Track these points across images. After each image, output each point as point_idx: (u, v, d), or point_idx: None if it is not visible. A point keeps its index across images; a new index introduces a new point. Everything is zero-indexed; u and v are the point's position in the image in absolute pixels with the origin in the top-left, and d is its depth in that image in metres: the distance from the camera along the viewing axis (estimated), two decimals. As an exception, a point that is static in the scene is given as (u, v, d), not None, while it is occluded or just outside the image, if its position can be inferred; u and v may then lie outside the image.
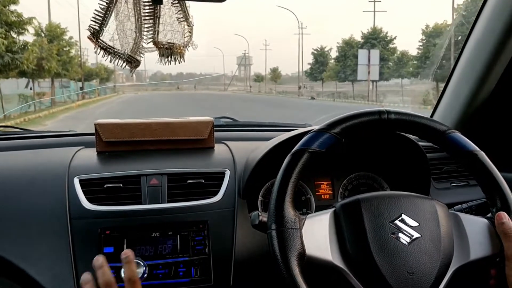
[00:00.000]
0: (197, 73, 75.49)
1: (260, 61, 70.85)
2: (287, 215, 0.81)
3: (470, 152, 0.92)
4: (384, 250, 0.81)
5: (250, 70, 64.46)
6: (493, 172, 0.91)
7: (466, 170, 0.96)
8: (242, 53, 58.45)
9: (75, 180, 1.15)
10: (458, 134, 0.93)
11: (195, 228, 1.12)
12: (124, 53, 1.14)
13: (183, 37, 1.13)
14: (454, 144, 0.93)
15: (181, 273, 1.08)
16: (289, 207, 0.82)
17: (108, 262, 1.05)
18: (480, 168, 0.92)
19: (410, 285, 0.80)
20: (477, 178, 0.94)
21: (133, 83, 45.83)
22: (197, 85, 56.91)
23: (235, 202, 1.17)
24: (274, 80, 53.26)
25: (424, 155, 1.22)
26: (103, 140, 1.30)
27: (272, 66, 55.17)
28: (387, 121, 0.91)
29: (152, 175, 1.18)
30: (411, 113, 0.94)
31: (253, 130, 1.68)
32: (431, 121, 0.94)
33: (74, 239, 1.07)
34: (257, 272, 1.14)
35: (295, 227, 0.80)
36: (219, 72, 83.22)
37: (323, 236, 0.83)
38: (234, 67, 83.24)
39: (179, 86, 52.97)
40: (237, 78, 69.02)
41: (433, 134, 0.94)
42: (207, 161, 1.31)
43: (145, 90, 45.99)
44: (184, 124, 1.35)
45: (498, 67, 1.38)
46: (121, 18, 1.12)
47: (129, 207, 1.12)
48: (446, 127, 0.94)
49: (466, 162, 0.93)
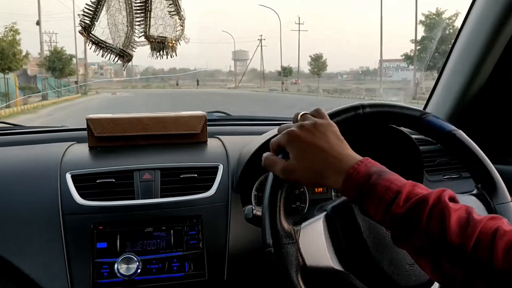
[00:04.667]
0: (190, 68, 73.91)
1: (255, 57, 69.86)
2: (281, 230, 0.79)
3: (448, 132, 0.92)
4: (382, 247, 0.81)
5: (247, 65, 63.29)
6: (473, 149, 0.92)
7: (447, 150, 0.97)
8: (259, 39, 51.67)
9: (67, 176, 1.14)
10: (433, 117, 0.93)
11: (188, 223, 1.12)
12: (116, 47, 1.13)
13: (174, 30, 1.12)
14: (431, 127, 0.93)
15: (175, 268, 1.08)
16: (283, 221, 0.80)
17: (101, 258, 1.06)
18: (460, 146, 0.92)
19: (412, 277, 0.81)
20: (458, 157, 0.95)
21: (121, 78, 40.36)
22: (188, 81, 49.69)
23: (228, 197, 1.17)
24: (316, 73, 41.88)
25: (417, 147, 1.22)
26: (95, 135, 1.30)
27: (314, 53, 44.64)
28: (363, 115, 0.90)
29: (145, 170, 1.18)
30: (385, 103, 0.93)
31: (246, 124, 1.68)
32: (404, 108, 0.94)
33: (66, 234, 1.07)
34: (251, 266, 1.14)
35: (292, 241, 0.79)
36: (213, 68, 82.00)
37: (321, 244, 0.82)
38: (229, 62, 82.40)
39: (178, 82, 44.84)
40: (236, 74, 67.73)
41: (409, 121, 0.94)
42: (200, 155, 1.30)
43: (133, 88, 38.85)
44: (176, 118, 1.35)
45: (491, 60, 1.39)
46: (113, 12, 1.11)
47: (122, 202, 1.11)
48: (420, 112, 0.94)
49: (446, 142, 0.94)
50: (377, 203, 0.69)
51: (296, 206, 1.29)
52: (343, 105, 0.91)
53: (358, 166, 0.72)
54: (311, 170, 0.75)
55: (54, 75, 26.14)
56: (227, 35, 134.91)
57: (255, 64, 69.84)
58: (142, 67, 59.10)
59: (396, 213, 0.67)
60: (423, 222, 0.65)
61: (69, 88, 25.01)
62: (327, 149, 0.75)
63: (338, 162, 0.74)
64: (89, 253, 1.06)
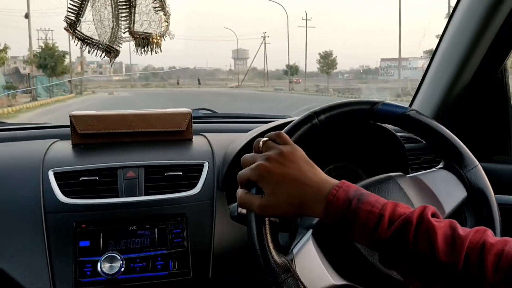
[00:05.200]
0: (190, 67, 72.83)
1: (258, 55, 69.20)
2: (277, 267, 0.78)
3: (402, 114, 0.92)
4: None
5: (247, 64, 62.60)
6: (431, 124, 0.93)
7: (408, 132, 0.98)
8: (263, 36, 49.85)
9: (49, 173, 1.12)
10: (383, 105, 0.93)
11: (173, 221, 1.11)
12: (102, 43, 1.12)
13: (159, 26, 1.11)
14: (384, 114, 0.93)
15: (159, 266, 1.07)
16: (275, 256, 0.78)
17: (84, 256, 1.04)
18: (417, 125, 0.93)
19: None
20: (420, 135, 0.96)
21: (121, 77, 39.44)
22: (188, 80, 48.84)
23: (214, 195, 1.16)
24: (326, 71, 40.67)
25: (402, 145, 1.22)
26: (79, 132, 1.28)
27: (324, 50, 44.38)
28: (319, 125, 0.90)
29: (129, 168, 1.17)
30: (334, 104, 0.92)
31: (232, 122, 1.67)
32: (354, 104, 0.93)
33: (49, 233, 1.05)
34: (236, 264, 1.14)
35: (290, 274, 0.78)
36: (212, 67, 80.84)
37: (317, 266, 0.82)
38: (229, 61, 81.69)
39: (179, 81, 43.74)
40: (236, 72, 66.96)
41: (362, 115, 0.94)
42: (185, 153, 1.30)
43: (132, 86, 38.05)
44: (161, 115, 1.34)
45: (476, 57, 1.40)
46: (98, 7, 1.10)
47: (105, 200, 1.10)
48: (370, 103, 0.93)
49: (403, 124, 0.94)
50: (361, 229, 0.67)
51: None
52: (295, 119, 0.90)
53: (336, 192, 0.70)
54: (289, 204, 0.73)
55: (45, 73, 24.81)
56: (227, 33, 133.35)
57: (255, 63, 69.30)
58: (142, 65, 57.28)
59: (382, 238, 0.66)
60: (410, 243, 0.64)
61: (63, 87, 23.91)
62: (301, 178, 0.73)
63: (315, 190, 0.72)
64: (72, 252, 1.04)
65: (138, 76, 47.44)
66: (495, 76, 1.44)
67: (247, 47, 77.10)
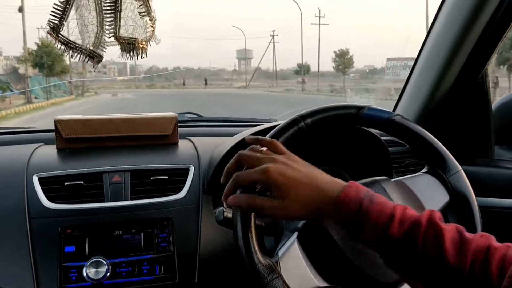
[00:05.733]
0: (194, 68, 71.71)
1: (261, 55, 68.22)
2: (262, 268, 0.78)
3: (387, 119, 0.94)
4: (359, 251, 0.82)
5: (250, 64, 61.69)
6: (414, 129, 0.94)
7: (393, 136, 0.99)
8: (271, 35, 48.31)
9: (34, 178, 1.12)
10: (369, 109, 0.94)
11: (159, 225, 1.11)
12: (86, 48, 1.12)
13: (145, 31, 1.11)
14: (370, 119, 0.94)
15: (145, 271, 1.07)
16: (261, 258, 0.79)
17: (69, 262, 1.04)
18: (401, 129, 0.94)
19: None
20: (404, 140, 0.97)
21: (125, 78, 37.30)
22: (192, 81, 47.34)
23: (199, 198, 1.16)
24: (342, 71, 38.61)
25: (386, 149, 1.24)
26: (63, 136, 1.27)
27: (339, 48, 42.15)
28: (306, 128, 0.90)
29: (115, 172, 1.16)
30: (321, 108, 0.93)
31: (218, 126, 1.67)
32: (340, 108, 0.94)
33: (33, 238, 1.04)
34: (222, 268, 1.14)
35: (275, 276, 0.79)
36: (216, 67, 79.55)
37: (302, 268, 0.83)
38: (233, 61, 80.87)
39: (185, 81, 41.96)
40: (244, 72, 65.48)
41: (349, 119, 0.95)
42: (171, 157, 1.30)
43: (136, 87, 36.34)
44: (147, 120, 1.33)
45: (458, 62, 1.42)
46: (82, 11, 1.10)
47: (90, 205, 1.09)
48: (357, 107, 0.94)
49: (388, 129, 0.95)
50: (372, 229, 0.69)
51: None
52: (282, 122, 0.91)
53: (348, 192, 0.71)
54: (303, 205, 0.73)
55: (42, 73, 22.83)
56: (230, 32, 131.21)
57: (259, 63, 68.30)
58: (146, 66, 56.03)
59: (392, 238, 0.67)
60: (419, 245, 0.66)
61: (62, 87, 22.22)
62: (313, 180, 0.74)
63: (327, 191, 0.72)
64: (57, 257, 1.04)
65: (143, 77, 46.44)
66: (477, 81, 1.46)
67: (251, 46, 76.58)
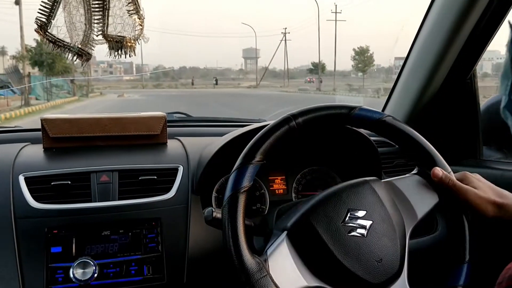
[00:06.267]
0: (200, 67, 70.42)
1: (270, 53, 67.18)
2: (250, 266, 0.78)
3: (378, 120, 0.94)
4: (348, 251, 0.81)
5: (257, 63, 61.09)
6: (405, 130, 0.95)
7: (384, 137, 0.99)
8: (283, 32, 46.50)
9: (20, 178, 1.10)
10: (361, 110, 0.94)
11: (147, 226, 1.10)
12: (74, 46, 1.11)
13: (133, 30, 1.10)
14: (361, 119, 0.94)
15: (133, 272, 1.06)
16: (248, 256, 0.79)
17: (56, 262, 1.02)
18: (392, 130, 0.95)
19: (382, 271, 0.82)
20: (395, 141, 0.97)
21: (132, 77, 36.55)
22: (198, 80, 46.50)
23: (188, 199, 1.16)
24: (362, 69, 37.28)
25: (375, 149, 1.24)
26: (50, 136, 1.26)
27: (360, 46, 40.36)
28: (297, 127, 0.90)
29: (102, 172, 1.15)
30: (313, 107, 0.93)
31: (207, 126, 1.66)
32: (332, 108, 0.94)
33: (19, 239, 1.03)
34: (211, 269, 1.13)
35: (263, 274, 0.78)
36: (222, 66, 78.80)
37: (290, 267, 0.82)
38: (239, 60, 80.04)
39: (194, 81, 41.66)
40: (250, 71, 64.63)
41: (340, 119, 0.94)
42: (160, 157, 1.29)
43: (143, 87, 35.36)
44: (136, 119, 1.32)
45: (446, 63, 1.43)
46: (70, 9, 1.09)
47: (77, 205, 1.08)
48: (348, 108, 0.94)
49: (379, 130, 0.95)
50: None
51: (256, 207, 1.29)
52: (272, 121, 0.91)
53: None
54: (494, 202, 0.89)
55: (41, 71, 21.28)
56: (238, 30, 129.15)
57: (265, 62, 66.72)
58: (152, 65, 55.24)
59: None
60: None
61: (65, 87, 20.60)
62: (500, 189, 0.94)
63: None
64: (43, 258, 1.02)
65: (149, 77, 45.73)
66: (465, 82, 1.47)
67: (258, 45, 75.98)
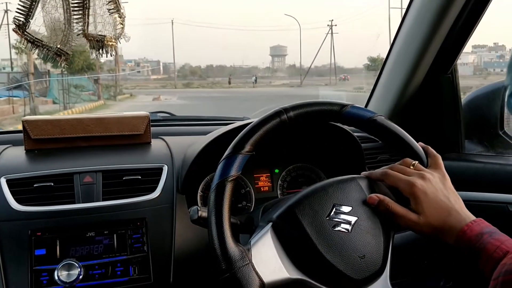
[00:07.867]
0: (227, 65, 68.71)
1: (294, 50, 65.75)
2: (233, 254, 0.78)
3: (369, 119, 0.94)
4: (332, 246, 0.82)
5: (284, 61, 59.99)
6: (394, 129, 0.95)
7: (374, 137, 1.01)
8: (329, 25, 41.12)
9: (2, 180, 1.09)
10: (352, 108, 0.95)
11: (132, 226, 1.09)
12: (52, 46, 1.09)
13: (114, 29, 1.09)
14: (351, 117, 0.95)
15: (118, 273, 1.05)
16: (231, 244, 0.79)
17: (40, 265, 1.01)
18: (382, 130, 0.95)
19: (365, 268, 0.82)
20: (384, 141, 0.98)
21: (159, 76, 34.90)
22: (221, 78, 44.39)
23: (173, 198, 1.15)
24: None
25: (359, 145, 1.25)
26: (32, 137, 1.24)
27: None
28: (288, 121, 0.90)
29: (86, 173, 1.14)
30: (304, 102, 0.93)
31: (191, 125, 1.66)
32: (324, 104, 0.94)
33: (2, 242, 1.02)
34: (197, 268, 1.13)
35: (246, 262, 0.78)
36: (249, 65, 76.65)
37: (273, 257, 0.82)
38: (267, 58, 78.76)
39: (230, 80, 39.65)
40: None
41: (331, 116, 0.95)
42: (144, 157, 1.28)
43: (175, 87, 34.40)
44: (119, 119, 1.31)
45: (426, 60, 1.45)
46: (49, 9, 1.07)
47: (61, 207, 1.07)
48: (340, 105, 0.95)
49: (369, 129, 0.96)
50: (486, 259, 0.75)
51: (242, 205, 1.29)
52: (265, 113, 0.91)
53: (472, 225, 0.79)
54: (432, 226, 0.82)
55: (55, 68, 17.24)
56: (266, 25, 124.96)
57: (290, 60, 64.20)
58: (178, 64, 54.18)
59: None
60: None
61: (87, 88, 18.28)
62: (449, 206, 0.83)
63: (457, 220, 0.81)
64: (27, 261, 1.01)
65: (176, 75, 45.61)
66: (446, 76, 1.49)
67: (284, 42, 74.75)
